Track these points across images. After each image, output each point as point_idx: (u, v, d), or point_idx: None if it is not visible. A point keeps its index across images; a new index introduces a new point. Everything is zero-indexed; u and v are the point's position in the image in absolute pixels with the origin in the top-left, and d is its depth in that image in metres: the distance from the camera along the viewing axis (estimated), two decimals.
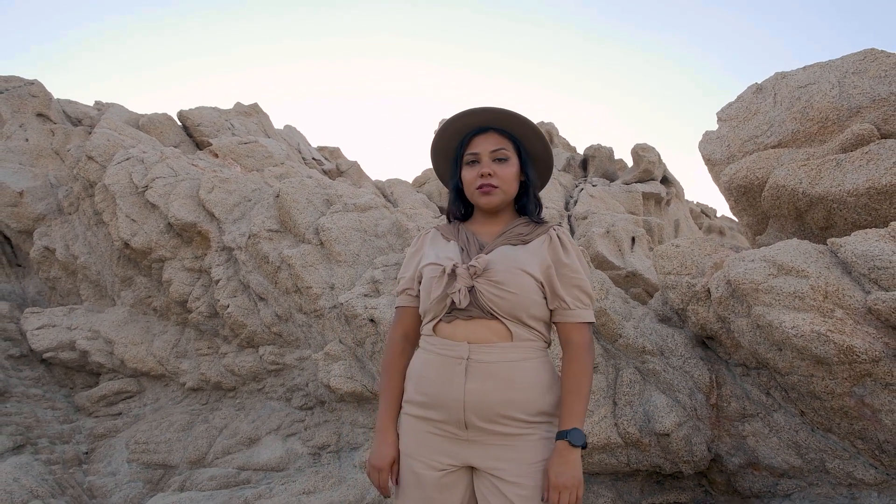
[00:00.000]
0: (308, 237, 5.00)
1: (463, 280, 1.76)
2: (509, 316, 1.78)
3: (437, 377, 1.79)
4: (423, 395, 1.81)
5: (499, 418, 1.74)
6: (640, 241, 7.87)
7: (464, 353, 1.76)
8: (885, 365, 2.53)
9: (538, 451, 1.76)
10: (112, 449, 5.17)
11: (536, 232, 1.91)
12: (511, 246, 1.86)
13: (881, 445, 2.71)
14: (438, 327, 1.83)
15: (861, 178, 3.23)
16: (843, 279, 2.78)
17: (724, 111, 4.42)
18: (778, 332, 2.72)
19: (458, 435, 1.77)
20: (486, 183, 1.88)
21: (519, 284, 1.77)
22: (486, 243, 1.90)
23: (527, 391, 1.76)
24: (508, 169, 1.91)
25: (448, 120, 1.99)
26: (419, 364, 1.88)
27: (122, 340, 5.72)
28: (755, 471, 3.19)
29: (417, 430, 1.83)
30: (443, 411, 1.77)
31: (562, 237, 1.91)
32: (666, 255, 3.65)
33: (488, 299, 1.77)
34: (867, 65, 3.63)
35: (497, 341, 1.78)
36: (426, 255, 1.95)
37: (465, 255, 1.86)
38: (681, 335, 3.55)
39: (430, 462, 1.79)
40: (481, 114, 1.95)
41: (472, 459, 1.77)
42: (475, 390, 1.73)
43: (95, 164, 6.47)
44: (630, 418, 3.31)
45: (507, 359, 1.76)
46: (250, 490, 4.12)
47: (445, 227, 2.04)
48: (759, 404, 3.19)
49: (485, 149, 1.91)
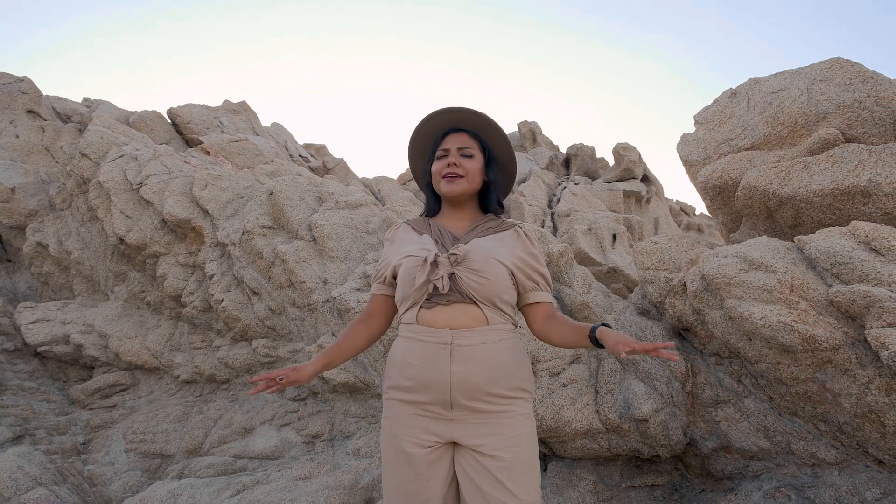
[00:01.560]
0: (301, 233, 5.14)
1: (444, 267, 1.95)
2: (485, 300, 1.97)
3: (422, 362, 1.95)
4: (410, 380, 1.97)
5: (482, 395, 1.92)
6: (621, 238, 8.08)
7: (447, 338, 1.93)
8: (844, 353, 2.74)
9: (515, 427, 1.94)
10: (109, 439, 5.28)
11: (504, 227, 2.14)
12: (483, 238, 2.08)
13: (841, 427, 2.92)
14: (420, 315, 2.00)
15: (826, 180, 3.44)
16: (808, 274, 2.99)
17: (700, 114, 4.63)
18: (748, 322, 2.93)
19: (442, 415, 1.94)
20: (451, 171, 2.09)
21: (493, 271, 1.97)
22: (458, 236, 2.10)
23: (505, 369, 1.96)
24: (473, 164, 2.13)
25: (424, 118, 2.22)
26: (402, 351, 2.03)
27: (116, 334, 5.83)
28: (727, 454, 3.39)
29: (404, 413, 1.99)
30: (429, 393, 1.94)
31: (528, 233, 2.15)
32: (645, 251, 3.85)
33: (468, 285, 1.95)
34: (833, 73, 3.85)
35: (475, 325, 1.96)
36: (401, 248, 2.14)
37: (440, 247, 2.05)
38: (659, 327, 3.75)
39: (418, 440, 1.95)
40: (456, 112, 2.17)
41: (456, 436, 1.94)
42: (460, 372, 1.91)
43: (89, 161, 6.55)
44: (611, 405, 3.49)
45: (485, 341, 1.95)
46: (247, 476, 4.28)
47: (416, 222, 2.23)
48: (731, 391, 3.39)
49: (453, 145, 2.13)
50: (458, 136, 2.16)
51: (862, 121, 3.59)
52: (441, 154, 2.15)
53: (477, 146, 2.17)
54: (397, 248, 2.17)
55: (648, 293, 3.79)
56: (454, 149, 2.13)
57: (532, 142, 13.48)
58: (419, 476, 1.94)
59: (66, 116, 8.66)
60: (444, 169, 2.11)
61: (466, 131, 2.18)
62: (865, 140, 3.58)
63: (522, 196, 9.56)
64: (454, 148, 2.13)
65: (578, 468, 3.73)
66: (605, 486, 3.67)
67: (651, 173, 11.59)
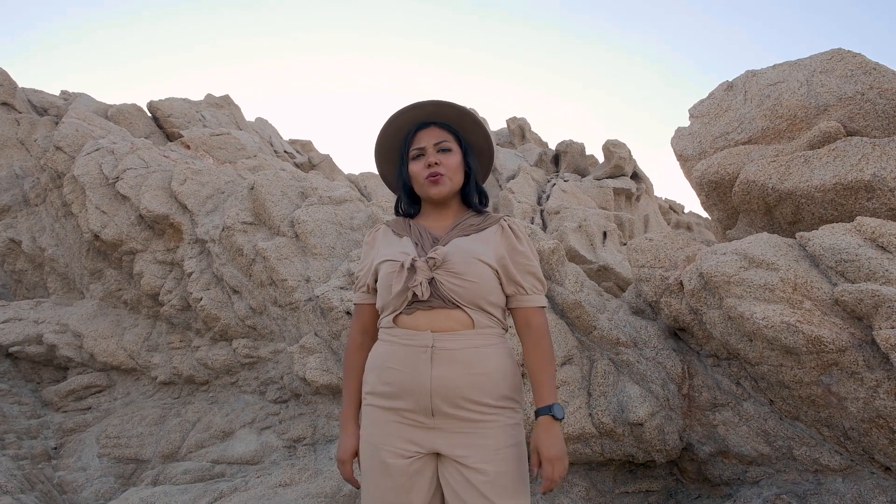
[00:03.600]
0: (283, 230, 4.98)
1: (423, 273, 1.80)
2: (470, 304, 1.82)
3: (402, 366, 1.81)
4: (389, 385, 1.83)
5: (465, 403, 1.77)
6: (612, 235, 7.97)
7: (428, 341, 1.79)
8: (850, 354, 2.62)
9: (501, 438, 1.80)
10: (82, 444, 5.08)
11: (487, 222, 1.97)
12: (465, 237, 1.91)
13: (846, 432, 2.80)
14: (399, 319, 1.85)
15: (828, 175, 3.32)
16: (812, 272, 2.86)
17: (695, 108, 4.50)
18: (749, 323, 2.80)
19: (424, 423, 1.80)
20: (435, 172, 1.92)
21: (477, 273, 1.82)
22: (439, 237, 1.94)
23: (491, 376, 1.81)
24: (452, 158, 1.96)
25: (389, 119, 2.03)
26: (381, 355, 1.89)
27: (91, 334, 5.63)
28: (725, 459, 3.27)
29: (383, 420, 1.85)
30: (409, 400, 1.80)
31: (513, 227, 1.98)
32: (640, 248, 3.72)
33: (449, 289, 1.80)
34: (834, 64, 3.74)
35: (460, 329, 1.82)
36: (380, 251, 1.98)
37: (420, 250, 1.89)
38: (654, 327, 3.62)
39: (397, 450, 1.80)
40: (422, 108, 2.00)
41: (438, 446, 1.80)
42: (441, 377, 1.77)
43: (64, 154, 6.34)
44: (604, 409, 3.36)
45: (470, 345, 1.81)
46: (225, 483, 4.10)
47: (395, 223, 2.06)
48: (729, 394, 3.27)
49: (428, 141, 1.96)
50: (431, 130, 2.00)
51: (864, 113, 3.48)
52: (416, 153, 1.97)
53: (452, 138, 2.00)
54: (377, 251, 2.00)
55: (643, 292, 3.66)
56: (430, 145, 1.96)
57: (521, 138, 13.35)
58: (399, 488, 1.80)
59: (43, 109, 8.42)
60: (425, 170, 1.94)
61: (437, 124, 2.01)
62: (868, 133, 3.47)
63: (511, 193, 9.43)
64: (430, 144, 1.96)
65: (570, 473, 3.61)
66: (598, 493, 3.55)
67: (641, 171, 11.50)
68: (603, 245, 7.69)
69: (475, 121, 2.04)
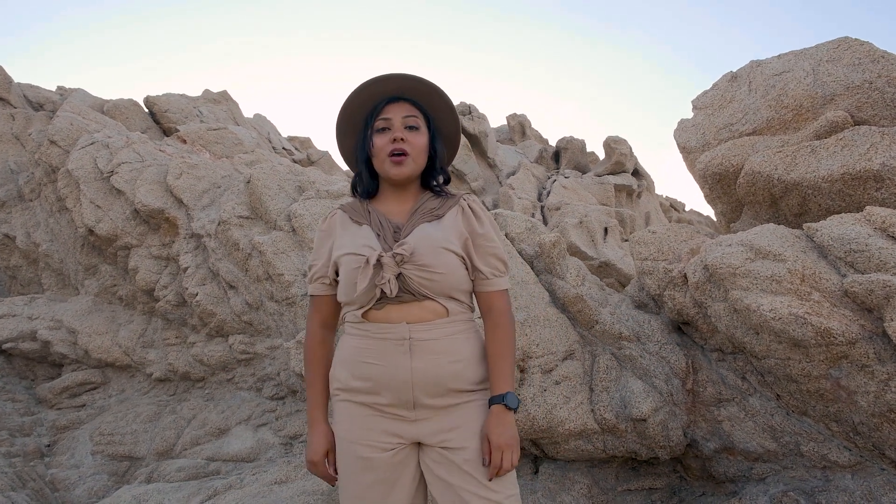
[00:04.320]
0: (280, 224, 4.91)
1: (390, 269, 1.71)
2: (440, 294, 1.77)
3: (378, 360, 1.75)
4: (365, 381, 1.76)
5: (446, 392, 1.74)
6: (613, 231, 7.90)
7: (405, 333, 1.73)
8: (861, 347, 2.55)
9: (480, 417, 1.78)
10: (75, 441, 5.01)
11: (447, 205, 1.88)
12: (427, 223, 1.82)
13: (856, 427, 2.73)
14: (369, 314, 1.78)
15: (836, 165, 3.25)
16: (820, 263, 2.79)
17: (699, 99, 4.43)
18: (755, 315, 2.72)
19: (405, 416, 1.75)
20: (399, 149, 1.81)
21: (445, 263, 1.75)
22: (399, 224, 1.84)
23: (469, 361, 1.79)
24: (419, 139, 1.86)
25: (360, 86, 1.89)
26: (352, 349, 1.81)
27: (85, 330, 5.55)
28: (730, 455, 3.20)
29: (359, 415, 1.78)
30: (388, 394, 1.74)
31: (473, 207, 1.90)
32: (643, 241, 3.64)
33: (419, 283, 1.74)
34: (841, 53, 3.66)
35: (434, 318, 1.77)
36: (340, 242, 1.86)
37: (382, 241, 1.79)
38: (657, 321, 3.54)
39: (378, 444, 1.75)
40: (395, 80, 1.88)
41: (420, 436, 1.76)
42: (421, 369, 1.72)
43: (58, 148, 6.27)
44: (606, 404, 3.29)
45: (446, 333, 1.77)
46: (220, 481, 4.02)
47: (352, 209, 1.93)
48: (734, 389, 3.19)
49: (397, 115, 1.85)
50: (401, 105, 1.88)
51: (872, 102, 3.40)
52: (382, 125, 1.85)
53: (421, 118, 1.89)
54: (336, 241, 1.88)
55: (646, 285, 3.59)
56: (398, 120, 1.84)
57: (521, 135, 13.28)
58: (383, 482, 1.74)
59: (39, 104, 8.33)
60: (389, 145, 1.82)
61: (408, 101, 1.89)
62: (876, 122, 3.39)
63: (512, 189, 9.36)
64: (398, 119, 1.84)
65: (572, 471, 3.53)
66: (600, 490, 3.48)
67: (642, 167, 11.44)
68: (604, 241, 7.62)
69: (447, 103, 1.94)
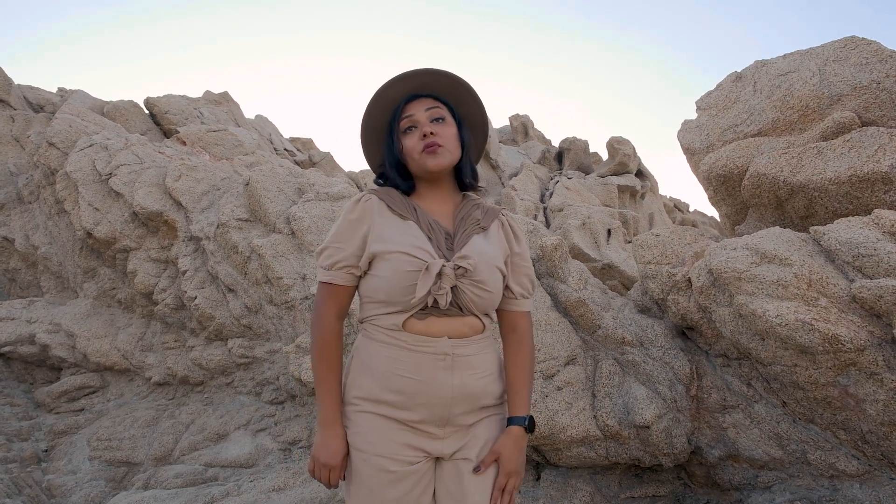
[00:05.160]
0: (279, 226, 4.86)
1: (449, 280, 1.63)
2: (483, 311, 1.74)
3: (415, 374, 1.66)
4: (398, 394, 1.67)
5: (477, 409, 1.73)
6: (616, 233, 7.83)
7: (447, 348, 1.67)
8: (869, 354, 2.49)
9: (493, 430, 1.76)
10: (73, 446, 4.97)
11: (489, 217, 1.83)
12: (478, 236, 1.76)
13: (864, 436, 2.66)
14: (408, 323, 1.69)
15: (843, 166, 3.19)
16: (827, 267, 2.73)
17: (703, 100, 4.37)
18: (761, 321, 2.67)
19: (434, 434, 1.69)
20: (432, 142, 1.73)
21: (495, 282, 1.72)
22: (448, 229, 1.76)
23: (494, 376, 1.78)
24: (448, 129, 1.78)
25: (377, 91, 1.82)
26: (384, 360, 1.70)
27: (84, 334, 5.51)
28: (735, 463, 3.14)
29: (384, 428, 1.69)
30: (422, 410, 1.67)
31: (512, 224, 1.87)
32: (646, 244, 3.58)
33: (469, 299, 1.68)
34: (848, 52, 3.60)
35: (472, 334, 1.73)
36: (379, 233, 1.73)
37: (434, 246, 1.70)
38: (660, 326, 3.48)
39: (405, 457, 1.67)
40: (412, 78, 1.80)
41: (443, 452, 1.72)
42: (459, 385, 1.68)
43: (57, 150, 6.23)
44: (609, 410, 3.24)
45: (479, 349, 1.74)
46: (217, 487, 3.97)
47: (390, 197, 1.79)
48: (739, 395, 3.13)
49: (420, 111, 1.77)
50: (422, 100, 1.80)
51: (880, 102, 3.34)
52: (408, 125, 1.77)
53: (445, 109, 1.81)
54: (376, 231, 1.73)
55: (649, 289, 3.53)
56: (422, 115, 1.76)
57: (524, 135, 13.22)
58: (409, 494, 1.67)
59: (39, 106, 8.31)
60: (420, 142, 1.73)
61: (429, 96, 1.82)
62: (884, 123, 3.33)
63: (514, 190, 9.30)
64: (421, 114, 1.76)
65: (574, 478, 3.48)
66: (603, 497, 3.43)
67: (645, 168, 11.36)
68: (607, 243, 7.56)
69: (470, 92, 1.86)
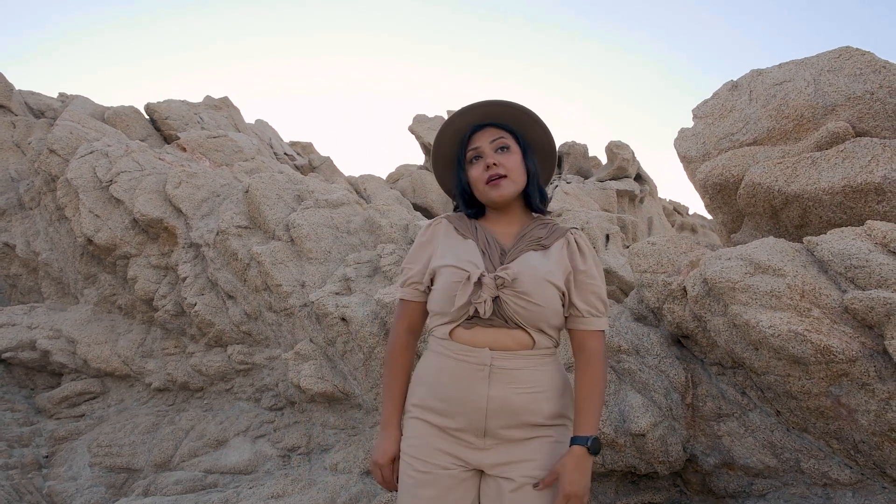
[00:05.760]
0: (278, 234, 4.90)
1: (489, 290, 1.71)
2: (532, 326, 1.76)
3: (456, 383, 1.75)
4: (441, 401, 1.77)
5: (521, 425, 1.74)
6: (615, 238, 7.85)
7: (486, 359, 1.73)
8: (861, 365, 2.52)
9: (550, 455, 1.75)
10: (73, 452, 5.00)
11: (555, 235, 1.88)
12: (533, 252, 1.82)
13: (856, 445, 2.69)
14: (456, 332, 1.78)
15: (837, 177, 3.22)
16: (820, 278, 2.76)
17: (699, 108, 4.40)
18: (755, 331, 2.70)
19: (473, 444, 1.75)
20: (495, 174, 1.83)
21: (544, 296, 1.75)
22: (506, 247, 1.85)
23: (546, 393, 1.77)
24: (512, 158, 1.86)
25: (445, 122, 1.93)
26: (434, 369, 1.81)
27: (85, 340, 5.55)
28: (730, 471, 3.17)
29: (430, 434, 1.79)
30: (462, 419, 1.74)
31: (580, 242, 1.89)
32: (641, 252, 3.61)
33: (513, 311, 1.73)
34: (842, 62, 3.63)
35: (518, 349, 1.76)
36: (441, 251, 1.88)
37: (486, 260, 1.80)
38: (656, 334, 3.51)
39: (444, 463, 1.75)
40: (477, 109, 1.90)
41: (484, 465, 1.76)
42: (497, 397, 1.71)
43: (58, 157, 6.28)
44: (605, 418, 3.27)
45: (527, 365, 1.76)
46: (217, 494, 4.01)
47: (458, 221, 1.95)
48: (734, 404, 3.16)
49: (485, 142, 1.87)
50: (487, 130, 1.89)
51: (874, 113, 3.37)
52: (474, 155, 1.88)
53: (510, 137, 1.90)
54: (439, 250, 1.89)
55: (645, 298, 3.56)
56: (486, 145, 1.86)
57: None
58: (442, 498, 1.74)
59: (40, 112, 8.35)
60: (485, 173, 1.84)
61: (494, 125, 1.91)
62: (878, 133, 3.36)
63: None
64: (486, 144, 1.86)
65: None
66: None
67: (644, 172, 11.41)
68: (605, 248, 7.58)
69: (533, 118, 1.93)
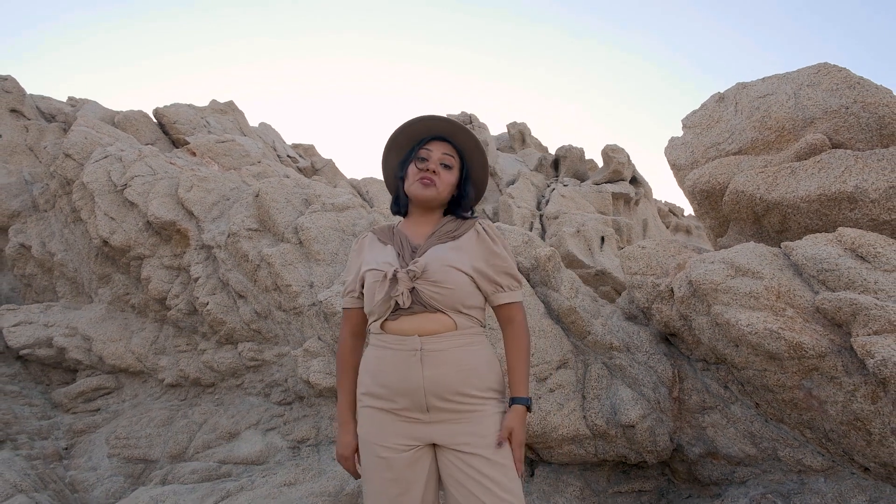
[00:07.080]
0: (287, 236, 5.10)
1: (404, 283, 1.97)
2: (449, 308, 2.01)
3: (394, 369, 1.99)
4: (384, 388, 2.00)
5: (456, 396, 1.96)
6: (610, 240, 8.09)
7: (416, 345, 1.97)
8: (830, 360, 2.74)
9: (491, 426, 1.99)
10: (92, 444, 5.22)
11: (463, 228, 2.15)
12: (441, 245, 2.09)
13: (827, 434, 2.92)
14: (386, 324, 2.04)
15: (813, 186, 3.45)
16: (795, 280, 2.99)
17: (688, 118, 4.62)
18: (734, 329, 2.92)
19: (420, 419, 1.98)
20: (427, 177, 2.11)
21: (453, 280, 2.00)
22: (418, 245, 2.12)
23: (476, 370, 2.01)
24: (450, 176, 2.16)
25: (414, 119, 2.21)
26: (374, 359, 2.06)
27: (100, 337, 5.76)
28: (714, 459, 3.39)
29: (380, 419, 2.02)
30: (404, 399, 1.97)
31: (488, 230, 2.15)
32: (633, 256, 3.84)
33: (429, 297, 1.98)
34: (821, 78, 3.86)
35: (443, 331, 2.00)
36: (366, 259, 2.15)
37: (401, 260, 2.07)
38: (646, 332, 3.74)
39: (396, 446, 1.98)
40: (446, 123, 2.18)
41: (435, 438, 1.98)
42: (432, 376, 1.95)
43: (73, 161, 6.48)
44: (598, 411, 3.48)
45: (454, 345, 2.00)
46: (232, 483, 4.23)
47: (381, 231, 2.25)
48: (717, 397, 3.39)
49: (437, 151, 2.15)
50: (443, 144, 2.18)
51: (848, 126, 3.60)
52: (423, 155, 2.16)
53: (457, 161, 2.20)
54: (363, 259, 2.19)
55: (636, 298, 3.79)
56: (437, 156, 2.14)
57: (521, 143, 13.47)
58: (399, 480, 1.97)
59: (51, 116, 8.56)
60: (421, 173, 2.13)
61: (451, 143, 2.20)
62: (852, 146, 3.59)
63: (511, 198, 9.55)
64: (437, 155, 2.15)
65: (565, 474, 3.72)
66: (592, 492, 3.66)
67: (640, 175, 11.62)
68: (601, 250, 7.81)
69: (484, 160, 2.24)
